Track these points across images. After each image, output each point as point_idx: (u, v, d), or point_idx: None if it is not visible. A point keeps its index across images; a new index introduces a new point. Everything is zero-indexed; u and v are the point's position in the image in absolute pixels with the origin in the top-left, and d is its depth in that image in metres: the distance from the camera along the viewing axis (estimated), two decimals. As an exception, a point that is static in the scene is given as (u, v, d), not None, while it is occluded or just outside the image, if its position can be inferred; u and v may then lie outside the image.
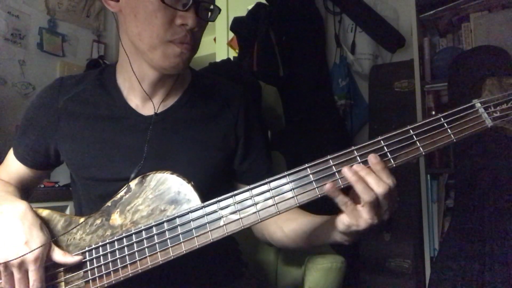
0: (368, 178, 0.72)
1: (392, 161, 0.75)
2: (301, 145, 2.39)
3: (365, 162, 0.75)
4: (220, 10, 0.96)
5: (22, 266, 0.82)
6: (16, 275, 0.83)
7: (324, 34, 2.74)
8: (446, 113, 0.76)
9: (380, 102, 2.53)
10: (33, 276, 0.83)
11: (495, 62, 1.81)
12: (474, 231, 1.69)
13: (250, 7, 2.56)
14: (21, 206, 0.89)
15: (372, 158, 0.73)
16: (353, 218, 0.74)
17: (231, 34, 2.77)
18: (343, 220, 0.76)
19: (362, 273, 2.33)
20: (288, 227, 0.98)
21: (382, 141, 0.76)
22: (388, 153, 0.75)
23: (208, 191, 0.87)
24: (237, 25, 2.54)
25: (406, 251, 2.21)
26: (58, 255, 0.86)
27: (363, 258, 2.34)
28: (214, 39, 3.06)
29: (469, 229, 1.70)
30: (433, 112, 2.13)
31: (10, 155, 1.10)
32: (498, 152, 1.70)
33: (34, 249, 0.82)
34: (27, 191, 1.12)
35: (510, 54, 1.80)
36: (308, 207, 0.84)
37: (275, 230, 1.02)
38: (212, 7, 0.95)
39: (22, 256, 0.81)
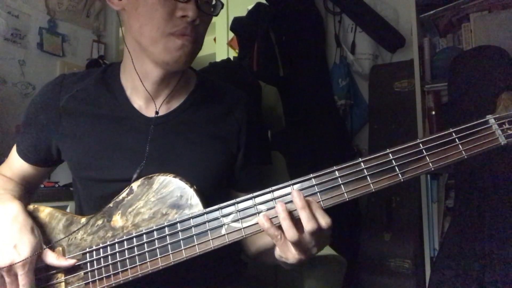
0: (301, 214, 0.73)
1: (400, 176, 0.73)
2: (301, 145, 2.40)
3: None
4: (223, 4, 0.95)
5: (11, 270, 0.82)
6: (6, 278, 0.83)
7: (324, 34, 2.74)
8: (457, 128, 0.73)
9: (380, 102, 2.54)
10: (22, 280, 0.83)
11: (495, 62, 1.81)
12: (474, 231, 1.69)
13: (250, 7, 2.56)
14: (13, 207, 0.89)
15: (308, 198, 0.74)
16: (282, 251, 0.76)
17: (231, 34, 2.78)
18: (276, 251, 0.78)
19: (362, 273, 2.33)
20: (251, 242, 1.03)
21: (390, 154, 0.74)
22: (396, 167, 0.73)
23: (208, 196, 0.87)
24: (237, 25, 2.54)
25: (406, 251, 2.21)
26: (52, 258, 0.86)
27: (363, 258, 2.34)
28: (214, 39, 3.06)
29: (469, 229, 1.70)
30: (433, 112, 2.13)
31: (14, 152, 1.09)
32: (499, 153, 1.70)
33: (22, 259, 0.82)
34: (30, 188, 1.12)
35: (510, 54, 1.79)
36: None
37: (248, 246, 1.06)
38: (214, 1, 0.94)
39: (10, 262, 0.81)
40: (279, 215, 0.74)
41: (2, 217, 0.86)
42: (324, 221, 0.72)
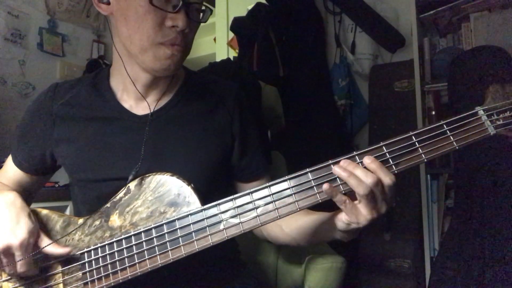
0: (357, 171, 0.73)
1: (394, 168, 0.75)
2: (301, 145, 2.39)
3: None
4: (211, 10, 0.96)
5: (8, 251, 0.82)
6: (3, 259, 0.84)
7: (324, 34, 2.74)
8: (448, 120, 0.76)
9: (380, 102, 2.53)
10: (19, 262, 0.83)
11: (495, 62, 1.80)
12: (474, 231, 1.68)
13: (250, 7, 2.56)
14: (11, 194, 0.90)
15: (366, 159, 0.74)
16: (353, 215, 0.75)
17: (231, 34, 2.77)
18: (343, 219, 0.77)
19: (362, 273, 2.33)
20: (287, 225, 0.99)
21: (384, 147, 0.76)
22: (390, 159, 0.75)
23: (206, 189, 0.87)
24: (237, 25, 2.54)
25: (406, 251, 2.21)
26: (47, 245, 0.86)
27: (363, 258, 2.34)
28: (214, 39, 3.06)
29: (469, 229, 1.70)
30: (433, 112, 2.13)
31: (9, 161, 1.11)
32: (498, 152, 1.69)
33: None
34: (27, 196, 1.12)
35: (510, 54, 1.79)
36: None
37: (273, 228, 1.03)
38: (203, 8, 0.94)
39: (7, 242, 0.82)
40: (342, 176, 0.74)
41: (0, 202, 0.87)
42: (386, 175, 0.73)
